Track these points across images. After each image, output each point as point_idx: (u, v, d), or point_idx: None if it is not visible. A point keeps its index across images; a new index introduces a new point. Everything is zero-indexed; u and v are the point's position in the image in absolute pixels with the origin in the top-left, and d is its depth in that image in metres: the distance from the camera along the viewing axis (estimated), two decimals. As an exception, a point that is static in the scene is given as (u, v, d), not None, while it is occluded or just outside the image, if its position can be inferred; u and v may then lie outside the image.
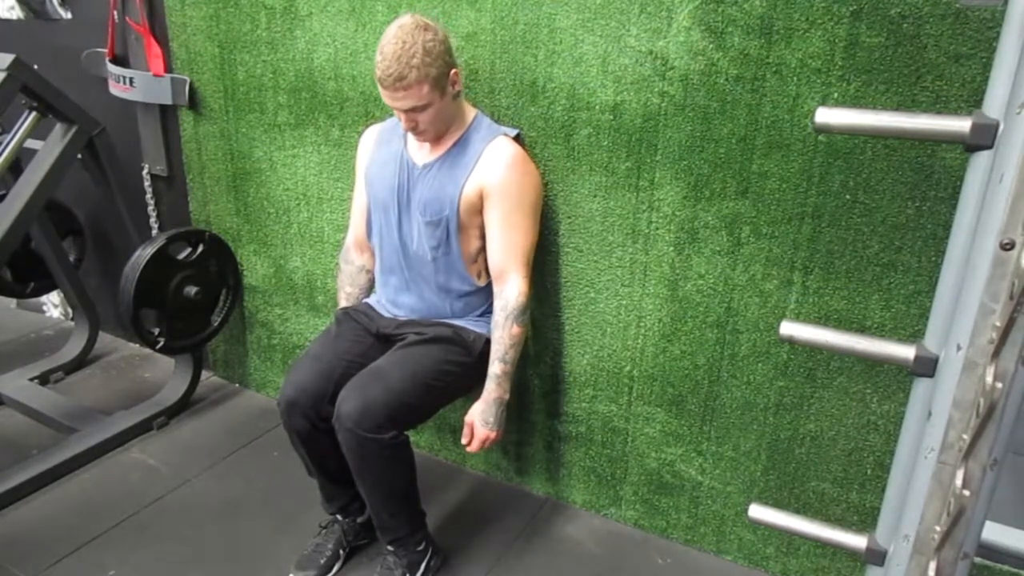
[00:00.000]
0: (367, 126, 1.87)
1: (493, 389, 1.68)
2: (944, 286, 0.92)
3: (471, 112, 1.69)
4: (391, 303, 1.80)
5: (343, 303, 1.92)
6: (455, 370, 1.69)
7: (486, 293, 1.75)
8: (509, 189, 1.62)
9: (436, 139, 1.65)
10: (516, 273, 1.66)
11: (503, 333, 1.66)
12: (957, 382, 0.83)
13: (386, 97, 1.52)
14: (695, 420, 1.80)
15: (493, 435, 1.70)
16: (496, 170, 1.62)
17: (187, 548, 1.87)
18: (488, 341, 1.71)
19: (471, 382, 1.75)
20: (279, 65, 2.10)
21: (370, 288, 1.92)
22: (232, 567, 1.82)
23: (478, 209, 1.65)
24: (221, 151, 2.33)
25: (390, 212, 1.71)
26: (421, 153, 1.68)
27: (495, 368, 1.68)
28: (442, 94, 1.54)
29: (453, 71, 1.55)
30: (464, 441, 1.72)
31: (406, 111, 1.54)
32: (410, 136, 1.69)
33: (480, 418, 1.69)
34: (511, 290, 1.65)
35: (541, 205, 1.73)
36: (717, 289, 1.67)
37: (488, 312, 1.75)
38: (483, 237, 1.68)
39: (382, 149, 1.75)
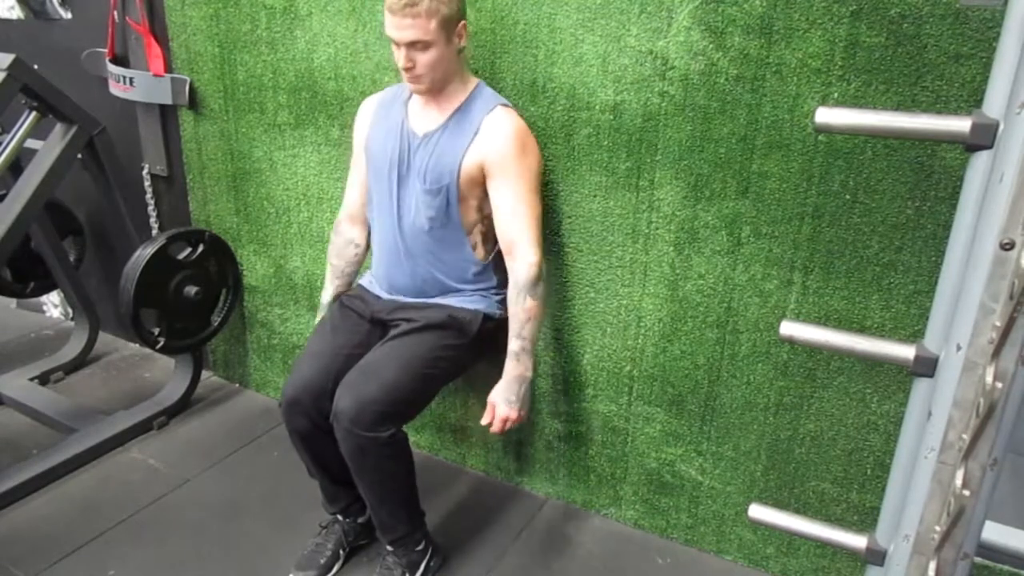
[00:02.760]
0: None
1: (513, 367, 1.64)
2: (944, 286, 0.92)
3: (473, 80, 1.67)
4: (384, 278, 1.78)
5: (329, 274, 1.91)
6: (449, 354, 1.67)
7: (484, 270, 1.73)
8: (513, 161, 1.61)
9: (431, 92, 1.61)
10: (527, 244, 1.62)
11: (517, 308, 1.63)
12: (957, 382, 0.83)
13: (391, 26, 1.49)
14: (695, 420, 1.80)
15: (515, 415, 1.63)
16: (499, 143, 1.60)
17: (187, 548, 1.87)
18: (486, 317, 1.71)
19: (467, 362, 1.75)
20: (279, 65, 2.10)
21: (358, 263, 1.90)
22: (232, 567, 1.82)
23: (479, 181, 1.63)
24: (221, 151, 2.33)
25: (388, 182, 1.68)
26: (422, 123, 1.66)
27: (513, 345, 1.64)
28: (447, 39, 1.52)
29: (462, 22, 1.53)
30: (484, 422, 1.65)
31: (407, 45, 1.50)
32: (411, 106, 1.68)
33: (502, 397, 1.64)
34: (522, 262, 1.62)
35: (542, 177, 1.71)
36: (717, 289, 1.67)
37: (487, 289, 1.74)
38: (481, 209, 1.67)
39: (381, 120, 1.72)
